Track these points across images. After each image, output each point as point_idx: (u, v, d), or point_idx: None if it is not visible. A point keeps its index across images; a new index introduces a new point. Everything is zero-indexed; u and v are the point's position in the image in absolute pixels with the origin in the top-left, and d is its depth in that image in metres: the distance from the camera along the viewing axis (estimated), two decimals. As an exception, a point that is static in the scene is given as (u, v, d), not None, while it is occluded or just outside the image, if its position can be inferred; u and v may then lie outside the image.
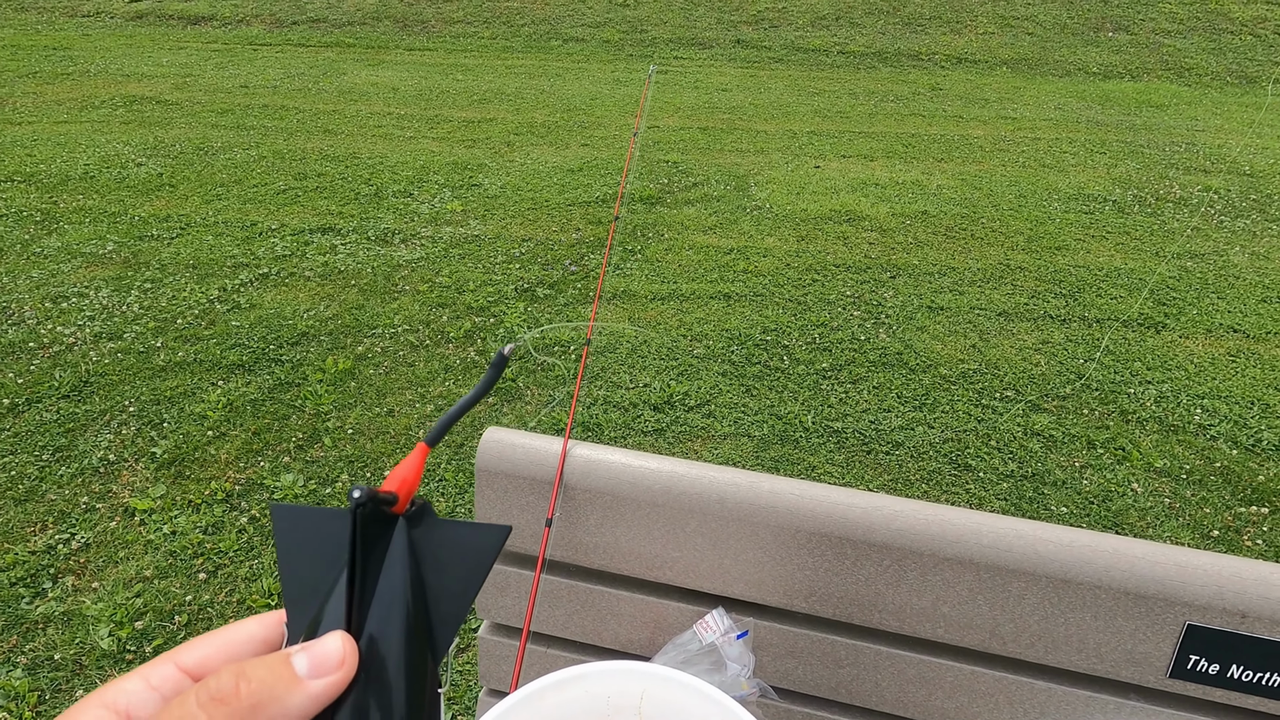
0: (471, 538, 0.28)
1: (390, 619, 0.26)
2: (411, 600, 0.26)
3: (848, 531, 0.79)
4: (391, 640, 0.26)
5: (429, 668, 0.26)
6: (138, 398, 2.50)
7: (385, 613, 0.26)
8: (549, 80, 6.61)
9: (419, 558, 0.28)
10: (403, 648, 0.26)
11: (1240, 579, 0.71)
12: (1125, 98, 6.43)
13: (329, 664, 0.24)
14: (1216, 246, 3.74)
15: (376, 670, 0.25)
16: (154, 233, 3.63)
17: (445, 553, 0.28)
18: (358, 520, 0.27)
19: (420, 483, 0.32)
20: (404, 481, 0.29)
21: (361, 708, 0.24)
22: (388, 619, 0.26)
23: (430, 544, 0.28)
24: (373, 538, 0.27)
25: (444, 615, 0.27)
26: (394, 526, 0.28)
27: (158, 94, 5.86)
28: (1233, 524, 2.09)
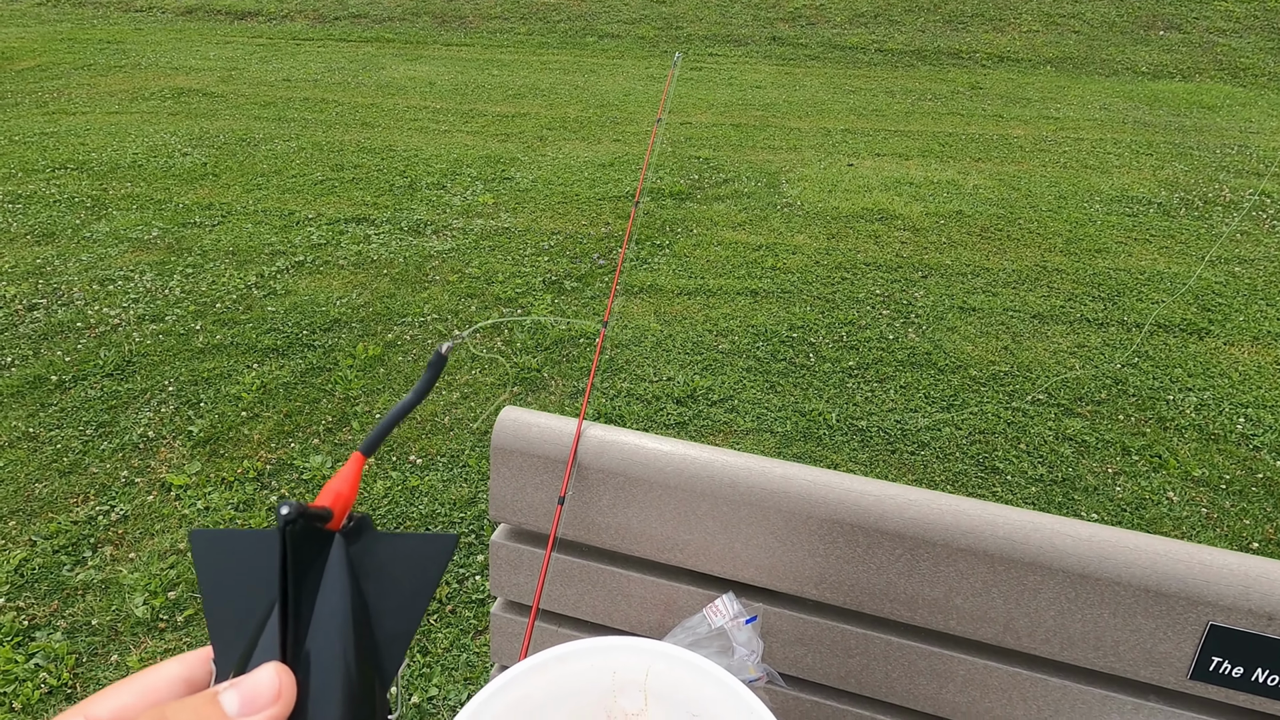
0: (417, 549, 0.26)
1: (329, 644, 0.24)
2: (353, 622, 0.24)
3: (860, 519, 0.78)
4: (333, 668, 0.23)
5: (376, 693, 0.24)
6: (177, 378, 2.58)
7: (324, 638, 0.24)
8: (583, 76, 6.64)
9: (360, 575, 0.25)
10: (345, 674, 0.23)
11: (1269, 579, 0.69)
12: (1175, 98, 6.22)
13: (262, 699, 0.21)
14: (1268, 252, 3.60)
15: (318, 701, 0.23)
16: (197, 220, 3.75)
17: (390, 568, 0.26)
18: (287, 540, 0.24)
19: (357, 495, 0.28)
20: (338, 495, 0.26)
21: None
22: (327, 644, 0.24)
23: (373, 560, 0.26)
24: (307, 558, 0.25)
25: (390, 634, 0.25)
26: (330, 544, 0.26)
27: (204, 86, 6.03)
28: (1274, 536, 2.01)
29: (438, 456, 2.26)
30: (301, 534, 0.25)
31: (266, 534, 0.25)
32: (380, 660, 0.24)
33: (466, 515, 2.05)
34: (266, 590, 0.25)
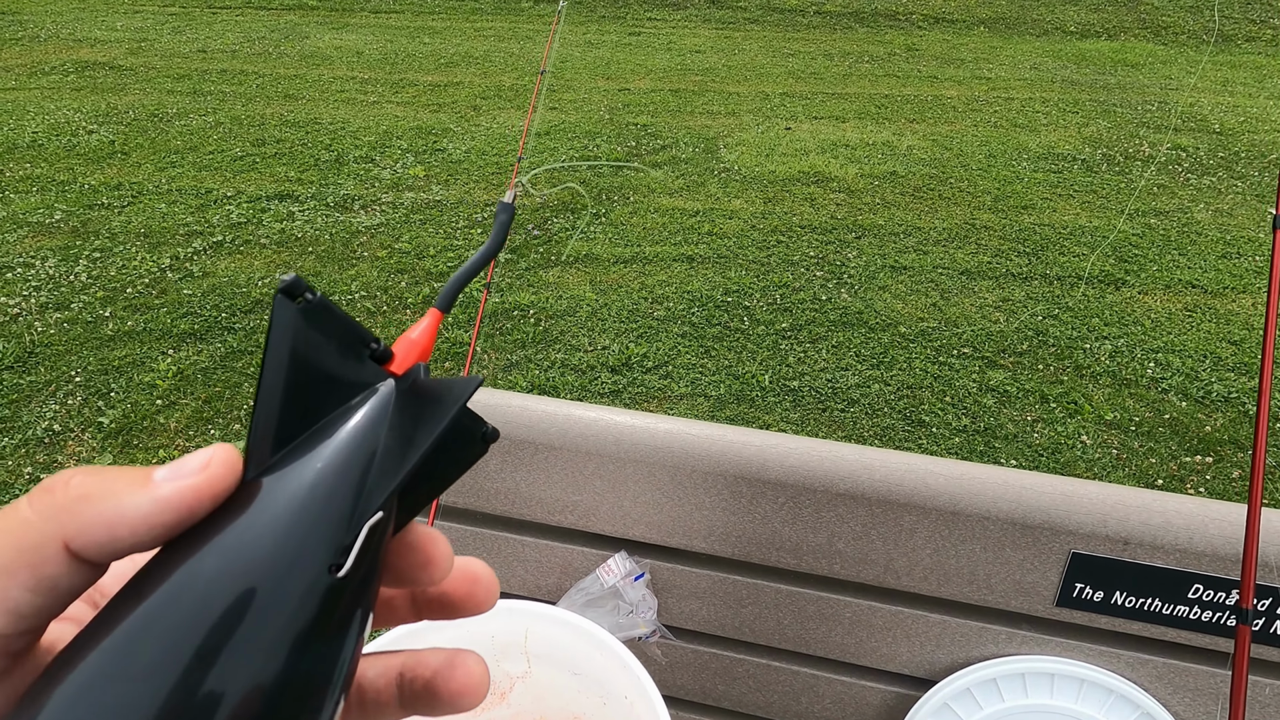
0: (437, 390, 0.23)
1: (298, 472, 0.21)
2: (342, 464, 0.21)
3: (743, 470, 0.79)
4: (303, 483, 0.20)
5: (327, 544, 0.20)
6: (84, 368, 2.45)
7: (300, 466, 0.21)
8: (518, 43, 6.45)
9: (394, 426, 0.22)
10: (312, 494, 0.20)
11: (1123, 506, 0.71)
12: (1101, 57, 6.38)
13: (189, 469, 0.19)
14: (1181, 204, 3.75)
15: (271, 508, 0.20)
16: (104, 201, 3.54)
17: (419, 417, 0.23)
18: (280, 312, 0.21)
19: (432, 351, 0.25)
20: (412, 344, 0.24)
21: (236, 545, 0.19)
22: (296, 471, 0.21)
23: (413, 411, 0.23)
24: (323, 379, 0.22)
25: (383, 468, 0.21)
26: (378, 384, 0.23)
27: (111, 59, 5.66)
28: (1177, 473, 2.12)
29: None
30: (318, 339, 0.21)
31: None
32: (363, 494, 0.21)
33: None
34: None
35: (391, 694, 0.24)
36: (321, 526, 0.20)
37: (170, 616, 0.18)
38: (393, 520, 0.22)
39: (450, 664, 0.23)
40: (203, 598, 0.18)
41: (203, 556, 0.19)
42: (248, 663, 0.18)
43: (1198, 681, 0.74)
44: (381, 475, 0.21)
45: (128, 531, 0.18)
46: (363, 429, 0.22)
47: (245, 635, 0.18)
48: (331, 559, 0.20)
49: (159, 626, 0.18)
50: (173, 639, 0.18)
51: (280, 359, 0.21)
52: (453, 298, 0.26)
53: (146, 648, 0.18)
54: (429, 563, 0.23)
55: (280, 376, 0.21)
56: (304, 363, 0.21)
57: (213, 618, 0.18)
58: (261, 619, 0.19)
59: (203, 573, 0.19)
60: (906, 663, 0.82)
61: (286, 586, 0.19)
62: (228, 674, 0.18)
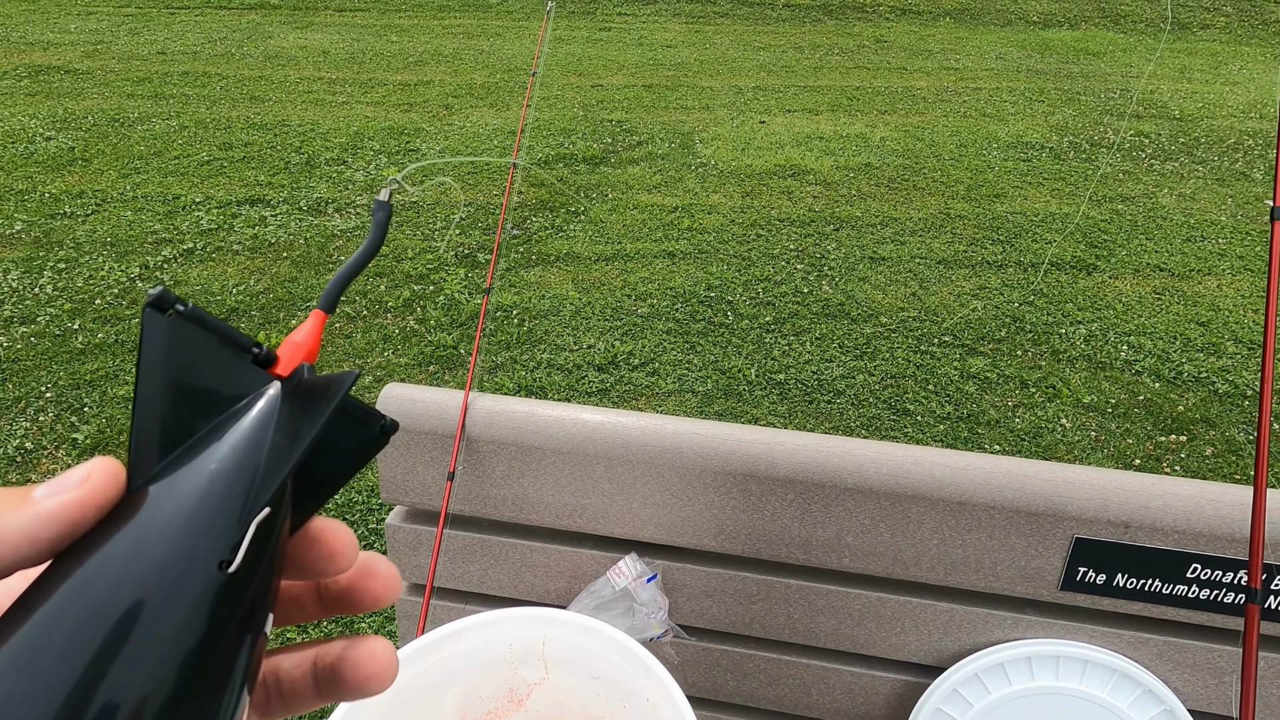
0: (321, 387, 0.23)
1: (183, 476, 0.21)
2: (226, 466, 0.21)
3: (751, 468, 0.79)
4: (190, 486, 0.21)
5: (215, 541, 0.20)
6: (55, 383, 2.38)
7: (184, 472, 0.21)
8: (488, 40, 6.39)
9: (281, 427, 0.22)
10: (199, 496, 0.20)
11: (1123, 491, 0.73)
12: (1064, 46, 6.51)
13: (69, 483, 0.19)
14: (1146, 189, 3.84)
15: (158, 513, 0.20)
16: (66, 210, 3.43)
17: (305, 414, 0.23)
18: (149, 325, 0.21)
19: (318, 352, 0.26)
20: (295, 345, 0.24)
21: (124, 552, 0.19)
22: (181, 476, 0.21)
23: (300, 410, 0.23)
24: (198, 389, 0.22)
25: (270, 466, 0.22)
26: (257, 387, 0.23)
27: (66, 63, 5.49)
28: (1153, 452, 2.18)
29: (352, 443, 2.18)
30: (188, 347, 0.22)
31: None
32: (251, 494, 0.21)
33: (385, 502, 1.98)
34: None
35: (307, 684, 0.25)
36: (210, 526, 0.20)
37: (59, 630, 0.18)
38: (287, 516, 0.23)
39: (355, 649, 0.24)
40: (92, 607, 0.18)
41: (90, 566, 0.19)
42: (143, 667, 0.18)
43: (1196, 657, 0.77)
44: (268, 473, 0.21)
45: (10, 550, 0.18)
46: (247, 430, 0.22)
47: (138, 640, 0.18)
48: (222, 556, 0.20)
49: (48, 641, 0.18)
50: (62, 652, 0.18)
51: (153, 371, 0.21)
52: (335, 297, 0.27)
53: (37, 664, 0.18)
54: (332, 554, 0.23)
55: (157, 388, 0.21)
56: (179, 372, 0.22)
57: (103, 626, 0.18)
58: (154, 622, 0.19)
59: (90, 582, 0.19)
60: (915, 651, 0.83)
61: (179, 587, 0.19)
62: (123, 680, 0.18)
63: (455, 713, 0.74)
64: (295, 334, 0.25)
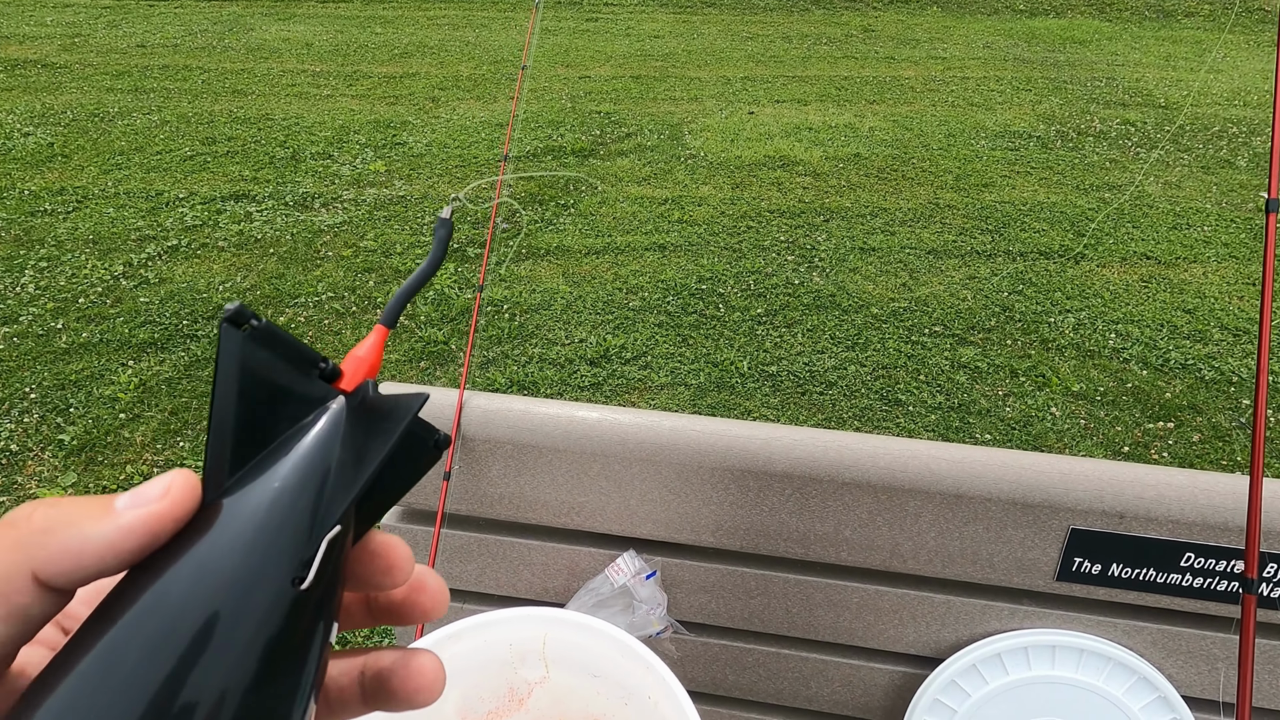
0: (386, 405, 0.24)
1: (257, 491, 0.21)
2: (299, 481, 0.22)
3: (749, 464, 0.79)
4: (262, 502, 0.21)
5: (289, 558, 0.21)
6: (39, 383, 2.35)
7: (258, 486, 0.21)
8: (474, 31, 6.32)
9: (346, 442, 0.23)
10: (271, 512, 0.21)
11: (1118, 481, 0.74)
12: (1050, 34, 6.52)
13: (149, 496, 0.20)
14: (1132, 177, 3.87)
15: (232, 527, 0.20)
16: (47, 207, 3.38)
17: (370, 432, 0.23)
18: (226, 340, 0.21)
19: (380, 367, 0.26)
20: (359, 360, 0.25)
21: (200, 565, 0.20)
22: (255, 491, 0.21)
23: (364, 426, 0.23)
24: (271, 403, 0.22)
25: (330, 495, 0.22)
26: (322, 403, 0.23)
27: (43, 56, 5.39)
28: (1142, 439, 2.21)
29: (344, 441, 2.16)
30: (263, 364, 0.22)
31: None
32: (319, 511, 0.22)
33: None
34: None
35: (354, 691, 0.25)
36: (282, 542, 0.21)
37: (141, 638, 0.18)
38: (351, 531, 0.23)
39: (405, 662, 0.25)
40: (171, 618, 0.19)
41: (169, 578, 0.19)
42: (219, 677, 0.19)
43: (1190, 645, 0.78)
44: (337, 490, 0.22)
45: (93, 559, 0.19)
46: (316, 446, 0.22)
47: (214, 651, 0.19)
48: (294, 572, 0.20)
49: (131, 648, 0.18)
50: (144, 659, 0.18)
51: (230, 386, 0.22)
52: (398, 313, 0.27)
53: (120, 670, 0.18)
54: (391, 568, 0.24)
55: (232, 402, 0.22)
56: (254, 387, 0.22)
57: (182, 636, 0.19)
58: (229, 634, 0.19)
59: (169, 594, 0.19)
60: (913, 643, 0.84)
61: (252, 601, 0.20)
62: (200, 689, 0.18)
63: (456, 713, 0.74)
64: (358, 349, 0.25)
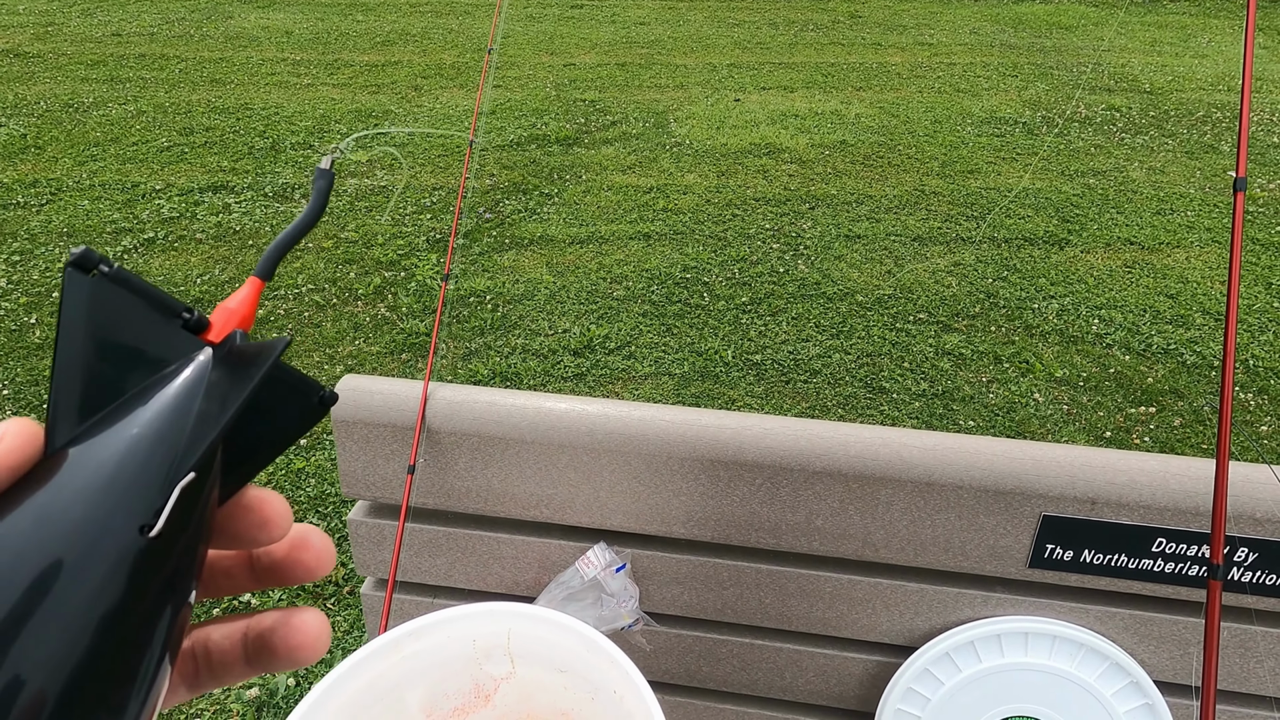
0: (253, 354, 0.23)
1: (105, 439, 0.20)
2: (151, 430, 0.21)
3: (719, 453, 0.78)
4: (112, 449, 0.20)
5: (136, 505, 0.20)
6: (13, 379, 2.31)
7: (106, 435, 0.20)
8: (457, 18, 6.24)
9: (210, 394, 0.22)
10: (100, 473, 0.20)
11: (1090, 467, 0.73)
12: (1037, 20, 6.51)
13: None
14: (1117, 163, 3.87)
15: (78, 475, 0.19)
16: (20, 200, 3.31)
17: (233, 381, 0.22)
18: (70, 285, 0.20)
19: (253, 320, 0.25)
20: (229, 312, 0.24)
21: (40, 513, 0.19)
22: (102, 439, 0.20)
23: (229, 377, 0.22)
24: (124, 350, 0.22)
25: (197, 432, 0.21)
26: (185, 352, 0.22)
27: (15, 46, 5.28)
28: (1124, 424, 2.21)
29: (324, 435, 2.14)
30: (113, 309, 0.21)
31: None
32: (168, 470, 0.21)
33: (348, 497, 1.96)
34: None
35: (237, 654, 0.25)
36: (131, 489, 0.20)
37: None
38: (216, 483, 0.22)
39: (286, 620, 0.24)
40: (7, 567, 0.18)
41: (4, 525, 0.18)
42: (59, 627, 0.18)
43: (1161, 629, 0.77)
44: (195, 438, 0.21)
45: None
46: (174, 395, 0.21)
47: (55, 600, 0.18)
48: (143, 520, 0.20)
49: None
50: None
51: (74, 331, 0.21)
52: (273, 265, 0.26)
53: None
54: (265, 522, 0.23)
55: (76, 348, 0.21)
56: (103, 334, 0.21)
57: (20, 585, 0.18)
58: (71, 583, 0.18)
59: (4, 542, 0.18)
60: (887, 632, 0.83)
61: (96, 549, 0.19)
62: (39, 640, 0.17)
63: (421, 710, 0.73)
64: (229, 300, 0.25)
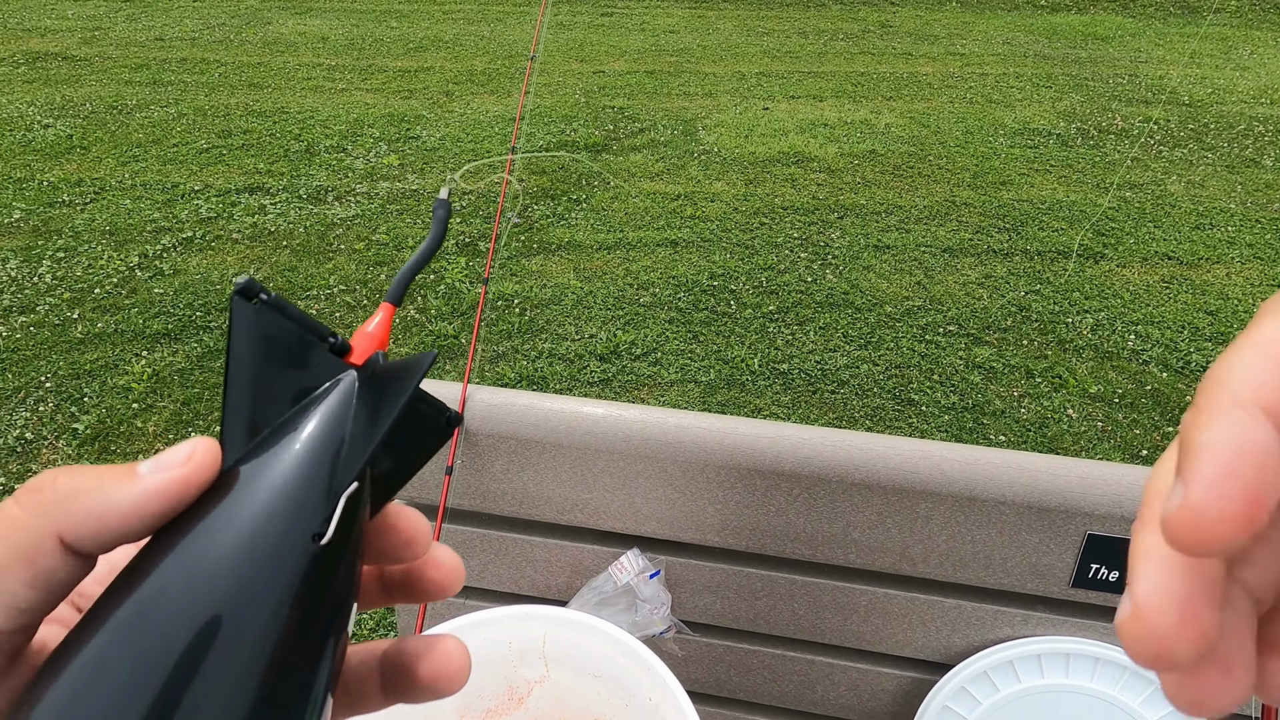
0: (395, 372, 0.24)
1: (275, 456, 0.22)
2: (315, 446, 0.22)
3: (756, 462, 0.77)
4: (280, 466, 0.22)
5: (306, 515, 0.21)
6: (54, 373, 2.37)
7: (275, 452, 0.22)
8: (489, 25, 6.32)
9: (358, 412, 0.23)
10: (272, 487, 0.21)
11: (1138, 486, 0.71)
12: (1072, 30, 6.42)
13: (172, 461, 0.20)
14: (1155, 176, 3.80)
15: (251, 491, 0.21)
16: (65, 199, 3.41)
17: (382, 398, 0.24)
18: (236, 313, 0.22)
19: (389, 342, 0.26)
20: (368, 336, 0.26)
21: (222, 527, 0.20)
22: (273, 456, 0.22)
23: (375, 395, 0.24)
24: (284, 374, 0.23)
25: (353, 447, 0.23)
26: (333, 376, 0.24)
27: (64, 49, 5.45)
28: (1161, 443, 2.16)
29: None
30: (274, 336, 0.23)
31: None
32: (335, 474, 0.22)
33: (387, 491, 1.98)
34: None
35: (374, 682, 0.24)
36: (301, 502, 0.21)
37: (170, 597, 0.19)
38: (368, 495, 0.23)
39: (430, 648, 0.24)
40: (200, 576, 0.19)
41: (191, 541, 0.20)
42: (248, 631, 0.19)
43: (1210, 655, 0.75)
44: (352, 451, 0.22)
45: (118, 522, 0.19)
46: (329, 414, 0.23)
47: (243, 606, 0.19)
48: (314, 529, 0.21)
49: (159, 608, 0.19)
50: (172, 619, 0.19)
51: (242, 356, 0.23)
52: (402, 291, 0.28)
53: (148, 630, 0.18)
54: (411, 540, 0.24)
55: (243, 372, 0.23)
56: (264, 357, 0.23)
57: (213, 593, 0.19)
58: (256, 590, 0.19)
59: (196, 553, 0.19)
60: (922, 648, 0.82)
61: (276, 558, 0.20)
62: (231, 643, 0.19)
63: (454, 711, 0.73)
64: (365, 325, 0.27)
